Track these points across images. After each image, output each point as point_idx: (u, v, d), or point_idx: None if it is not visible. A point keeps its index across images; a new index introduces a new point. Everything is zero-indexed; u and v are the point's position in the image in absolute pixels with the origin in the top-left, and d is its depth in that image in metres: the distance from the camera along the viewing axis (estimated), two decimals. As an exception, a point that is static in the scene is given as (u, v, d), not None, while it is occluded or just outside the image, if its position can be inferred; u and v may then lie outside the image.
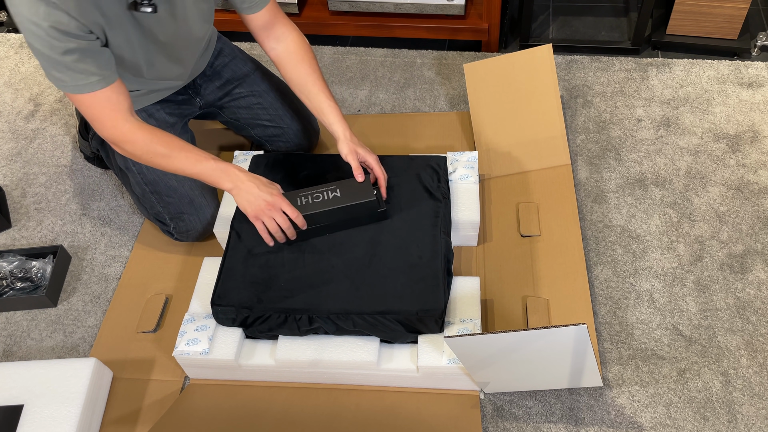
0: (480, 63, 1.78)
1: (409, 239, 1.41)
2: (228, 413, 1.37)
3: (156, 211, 1.57)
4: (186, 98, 1.61)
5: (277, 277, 1.37)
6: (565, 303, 1.47)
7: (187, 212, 1.55)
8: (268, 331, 1.36)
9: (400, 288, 1.33)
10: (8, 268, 1.61)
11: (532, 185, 1.71)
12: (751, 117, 1.85)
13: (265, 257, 1.40)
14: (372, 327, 1.32)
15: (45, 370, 1.36)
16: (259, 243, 1.42)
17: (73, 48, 1.18)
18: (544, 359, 1.24)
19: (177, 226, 1.58)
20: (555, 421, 1.33)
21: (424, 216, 1.45)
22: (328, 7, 2.12)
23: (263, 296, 1.34)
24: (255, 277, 1.37)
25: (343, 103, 2.01)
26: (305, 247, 1.41)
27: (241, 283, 1.37)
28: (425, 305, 1.30)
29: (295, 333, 1.35)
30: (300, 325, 1.33)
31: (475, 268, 1.57)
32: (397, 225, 1.44)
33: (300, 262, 1.39)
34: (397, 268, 1.36)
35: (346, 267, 1.38)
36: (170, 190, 1.53)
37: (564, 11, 2.25)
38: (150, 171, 1.51)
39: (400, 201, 1.48)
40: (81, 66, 1.21)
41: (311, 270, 1.38)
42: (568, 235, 1.59)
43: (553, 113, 1.75)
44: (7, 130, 2.02)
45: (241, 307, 1.33)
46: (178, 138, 1.36)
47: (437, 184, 1.51)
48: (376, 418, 1.34)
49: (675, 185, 1.71)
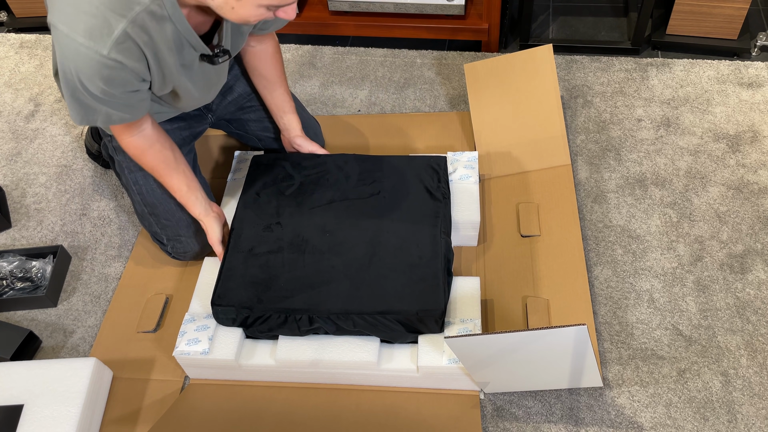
0: (480, 63, 1.78)
1: (410, 239, 1.41)
2: (228, 413, 1.37)
3: (154, 231, 1.57)
4: (198, 113, 1.61)
5: (277, 277, 1.37)
6: (565, 303, 1.47)
7: (184, 235, 1.55)
8: (268, 331, 1.36)
9: (401, 288, 1.33)
10: (8, 268, 1.61)
11: (532, 185, 1.71)
12: (751, 117, 1.85)
13: (265, 257, 1.40)
14: (372, 327, 1.32)
15: (45, 370, 1.36)
16: (259, 243, 1.42)
17: (125, 90, 1.17)
18: (544, 359, 1.24)
19: (174, 247, 1.57)
20: (555, 421, 1.33)
21: (424, 216, 1.45)
22: (328, 7, 2.12)
23: (263, 296, 1.34)
24: (255, 277, 1.37)
25: (343, 103, 2.01)
26: (305, 248, 1.41)
27: (242, 284, 1.37)
28: (425, 305, 1.30)
29: (295, 333, 1.35)
30: (300, 325, 1.33)
31: (475, 268, 1.57)
32: (397, 225, 1.44)
33: (300, 262, 1.39)
34: (397, 268, 1.36)
35: (346, 267, 1.37)
36: (168, 213, 1.53)
37: (564, 11, 2.25)
38: (149, 193, 1.52)
39: (400, 201, 1.48)
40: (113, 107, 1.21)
41: (311, 270, 1.38)
42: (568, 235, 1.59)
43: (553, 113, 1.75)
44: (7, 130, 2.02)
45: (242, 307, 1.33)
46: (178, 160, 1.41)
47: (437, 184, 1.51)
48: (376, 418, 1.34)
49: (675, 185, 1.71)
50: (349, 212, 1.47)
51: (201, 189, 1.46)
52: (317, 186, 1.52)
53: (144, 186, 1.51)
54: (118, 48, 1.09)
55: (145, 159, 1.37)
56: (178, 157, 1.41)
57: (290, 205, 1.49)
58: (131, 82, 1.17)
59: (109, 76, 1.12)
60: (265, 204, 1.50)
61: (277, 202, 1.50)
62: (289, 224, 1.45)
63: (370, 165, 1.56)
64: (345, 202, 1.49)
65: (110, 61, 1.09)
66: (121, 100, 1.19)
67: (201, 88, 1.38)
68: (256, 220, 1.47)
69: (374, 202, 1.48)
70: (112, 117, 1.23)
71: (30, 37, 2.31)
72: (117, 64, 1.10)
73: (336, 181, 1.53)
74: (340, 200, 1.49)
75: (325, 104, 2.01)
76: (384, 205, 1.47)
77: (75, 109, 1.21)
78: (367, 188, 1.51)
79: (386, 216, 1.45)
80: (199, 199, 1.45)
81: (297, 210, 1.48)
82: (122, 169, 1.53)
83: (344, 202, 1.48)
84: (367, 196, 1.49)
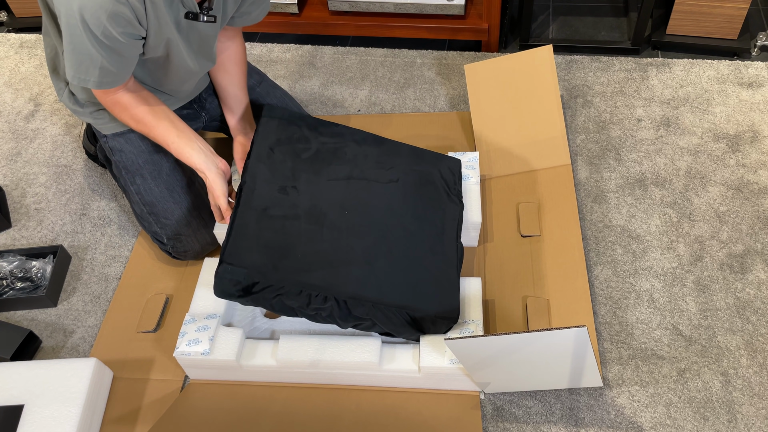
0: (480, 63, 1.78)
1: (428, 239, 1.40)
2: (228, 413, 1.37)
3: (153, 230, 1.57)
4: (191, 112, 1.61)
5: (293, 246, 1.30)
6: (566, 303, 1.47)
7: (184, 234, 1.54)
8: (272, 299, 1.28)
9: (420, 286, 1.32)
10: (8, 268, 1.61)
11: (532, 185, 1.71)
12: (751, 117, 1.85)
13: (281, 221, 1.33)
14: (385, 318, 1.29)
15: (45, 370, 1.36)
16: (273, 204, 1.35)
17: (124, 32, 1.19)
18: (544, 360, 1.24)
19: (174, 247, 1.57)
20: (555, 421, 1.33)
21: (443, 218, 1.44)
22: (328, 7, 2.12)
23: (279, 264, 1.26)
24: (270, 241, 1.29)
25: (343, 103, 2.01)
26: (324, 221, 1.35)
27: (255, 245, 1.27)
28: (443, 308, 1.30)
29: (292, 311, 1.29)
30: (312, 301, 1.27)
31: (476, 268, 1.57)
32: (416, 221, 1.42)
33: (318, 235, 1.33)
34: (415, 264, 1.35)
35: (365, 252, 1.34)
36: (167, 212, 1.52)
37: (564, 11, 2.25)
38: (147, 192, 1.51)
39: (420, 195, 1.46)
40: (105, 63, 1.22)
41: (329, 247, 1.32)
42: (568, 235, 1.59)
43: (553, 113, 1.75)
44: (7, 130, 2.02)
45: (255, 271, 1.24)
46: (165, 110, 1.40)
47: (454, 187, 1.51)
48: (376, 418, 1.35)
49: (675, 185, 1.71)
50: (368, 193, 1.43)
51: (198, 139, 1.40)
52: (335, 157, 1.47)
53: (141, 185, 1.51)
54: None
55: (128, 114, 1.37)
56: (166, 109, 1.40)
57: (307, 171, 1.42)
58: (132, 23, 1.18)
59: (113, 11, 1.14)
60: (279, 163, 1.42)
61: (292, 163, 1.43)
62: (306, 191, 1.39)
63: (388, 149, 1.53)
64: (363, 181, 1.44)
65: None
66: (119, 47, 1.21)
67: (193, 55, 1.37)
68: (270, 178, 1.39)
69: (393, 189, 1.46)
70: (104, 79, 1.25)
71: (30, 37, 2.30)
72: None
73: (354, 158, 1.48)
74: (358, 178, 1.45)
75: (325, 104, 2.01)
76: (403, 195, 1.45)
77: (71, 60, 1.23)
78: (386, 173, 1.48)
79: (404, 208, 1.43)
80: (195, 149, 1.38)
81: (314, 178, 1.42)
82: (119, 170, 1.53)
83: (362, 182, 1.44)
84: (386, 181, 1.46)
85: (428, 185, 1.49)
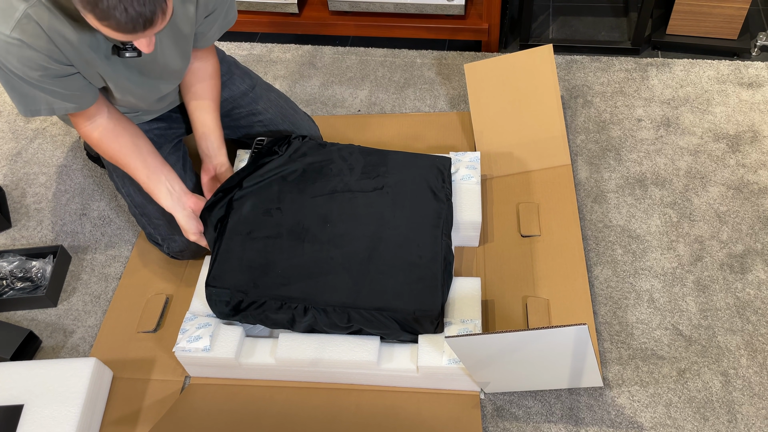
0: (480, 63, 1.78)
1: (411, 238, 1.40)
2: (228, 414, 1.37)
3: (149, 231, 1.57)
4: (176, 116, 1.60)
5: (274, 263, 1.36)
6: (565, 303, 1.47)
7: (178, 233, 1.53)
8: (261, 315, 1.35)
9: (399, 286, 1.33)
10: (8, 268, 1.61)
11: (532, 185, 1.71)
12: (751, 117, 1.85)
13: (263, 242, 1.39)
14: (367, 322, 1.31)
15: (45, 370, 1.36)
16: (258, 227, 1.41)
17: (47, 74, 1.19)
18: (545, 359, 1.24)
19: (170, 247, 1.56)
20: (555, 421, 1.33)
21: (426, 216, 1.44)
22: (328, 7, 2.12)
23: (260, 281, 1.34)
24: (252, 261, 1.37)
25: (343, 103, 2.01)
26: (305, 236, 1.40)
27: (238, 266, 1.36)
28: (422, 306, 1.30)
29: (283, 324, 1.35)
30: (295, 314, 1.32)
31: (476, 268, 1.57)
32: (399, 223, 1.43)
33: (299, 250, 1.38)
34: (396, 266, 1.36)
35: (345, 260, 1.37)
36: (158, 213, 1.52)
37: (564, 11, 2.25)
38: (137, 194, 1.51)
39: (403, 199, 1.47)
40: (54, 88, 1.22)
41: (309, 259, 1.37)
42: (568, 235, 1.59)
43: (553, 113, 1.75)
44: (7, 130, 2.02)
45: (237, 291, 1.33)
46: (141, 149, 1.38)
47: (441, 185, 1.51)
48: (376, 418, 1.34)
49: (675, 185, 1.71)
50: (351, 204, 1.46)
51: (171, 180, 1.40)
52: (320, 175, 1.51)
53: (131, 187, 1.51)
54: (21, 28, 1.12)
55: (102, 148, 1.38)
56: (141, 145, 1.39)
57: (292, 192, 1.47)
58: (47, 66, 1.18)
59: (20, 56, 1.15)
60: (266, 188, 1.48)
61: (278, 187, 1.48)
62: (290, 210, 1.44)
63: (375, 159, 1.55)
64: (347, 193, 1.48)
65: (14, 41, 1.13)
66: (53, 86, 1.21)
67: (142, 84, 1.36)
68: (256, 203, 1.45)
69: (377, 197, 1.48)
70: (54, 106, 1.25)
71: (30, 37, 2.30)
72: (21, 43, 1.13)
73: (339, 172, 1.51)
74: (342, 191, 1.48)
75: (325, 104, 2.01)
76: (387, 201, 1.47)
77: (14, 98, 1.24)
78: (371, 182, 1.50)
79: (388, 212, 1.45)
80: (163, 191, 1.39)
81: (298, 197, 1.47)
82: (110, 173, 1.54)
83: (347, 194, 1.48)
84: (370, 190, 1.49)
85: (413, 188, 1.49)
